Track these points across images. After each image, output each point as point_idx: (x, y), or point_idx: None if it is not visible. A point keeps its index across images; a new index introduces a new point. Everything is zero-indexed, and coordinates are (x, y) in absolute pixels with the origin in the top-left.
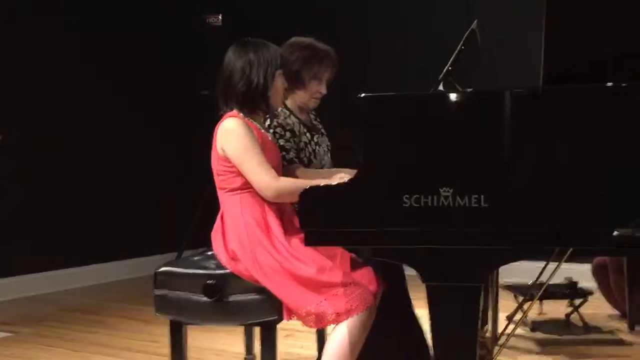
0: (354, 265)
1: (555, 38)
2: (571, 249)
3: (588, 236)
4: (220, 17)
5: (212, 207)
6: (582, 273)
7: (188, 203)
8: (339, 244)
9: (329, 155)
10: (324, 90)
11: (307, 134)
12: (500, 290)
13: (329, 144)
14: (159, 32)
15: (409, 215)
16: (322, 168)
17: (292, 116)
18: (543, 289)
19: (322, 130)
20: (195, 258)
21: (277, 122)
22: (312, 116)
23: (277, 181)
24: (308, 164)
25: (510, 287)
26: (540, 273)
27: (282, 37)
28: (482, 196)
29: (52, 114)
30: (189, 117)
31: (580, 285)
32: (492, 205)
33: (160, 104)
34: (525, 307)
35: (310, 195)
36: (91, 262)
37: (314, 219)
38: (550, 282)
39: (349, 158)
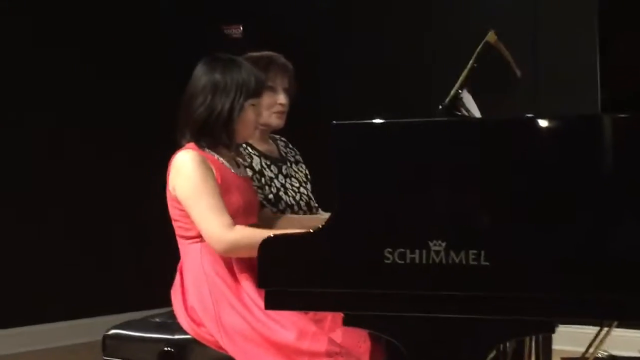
0: (348, 331)
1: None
2: None
3: None
4: (241, 29)
5: None
6: None
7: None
8: (303, 308)
9: (309, 185)
10: (282, 100)
11: (272, 167)
12: None
13: (307, 172)
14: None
15: (391, 274)
16: (298, 202)
17: (249, 148)
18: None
19: (297, 157)
20: (157, 319)
21: None
22: (281, 143)
23: (229, 231)
24: (276, 202)
25: None
26: (594, 340)
27: (315, 50)
28: (482, 252)
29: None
30: None
31: None
32: (494, 263)
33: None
34: None
35: (269, 246)
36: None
37: (274, 276)
38: (621, 355)
39: None
